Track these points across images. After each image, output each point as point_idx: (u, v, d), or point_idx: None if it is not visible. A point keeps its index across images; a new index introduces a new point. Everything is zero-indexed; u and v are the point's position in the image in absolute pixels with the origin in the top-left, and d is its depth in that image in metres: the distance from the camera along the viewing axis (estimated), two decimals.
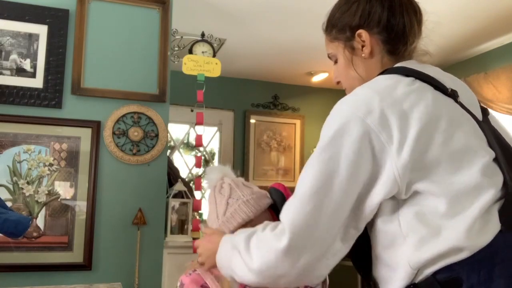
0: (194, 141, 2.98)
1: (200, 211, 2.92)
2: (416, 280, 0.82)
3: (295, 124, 4.42)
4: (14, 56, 1.95)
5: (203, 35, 2.48)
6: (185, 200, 2.75)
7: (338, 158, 0.83)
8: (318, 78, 4.13)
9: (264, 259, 0.88)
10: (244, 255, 0.92)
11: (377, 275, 0.90)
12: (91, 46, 2.07)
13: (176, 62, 2.49)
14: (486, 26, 2.94)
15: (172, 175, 2.99)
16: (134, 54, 2.13)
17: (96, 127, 2.01)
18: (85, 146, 1.99)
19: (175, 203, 2.73)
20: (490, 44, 3.27)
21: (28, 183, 1.91)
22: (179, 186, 2.79)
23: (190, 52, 2.41)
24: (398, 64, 0.98)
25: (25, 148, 1.92)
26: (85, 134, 2.00)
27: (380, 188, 0.83)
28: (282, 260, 0.86)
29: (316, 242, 0.84)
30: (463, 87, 0.99)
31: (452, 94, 0.92)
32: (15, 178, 1.89)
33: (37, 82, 1.97)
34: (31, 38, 1.98)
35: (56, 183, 1.95)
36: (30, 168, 1.92)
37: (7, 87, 1.92)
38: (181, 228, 2.76)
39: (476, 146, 0.87)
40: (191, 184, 3.38)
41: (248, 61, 3.77)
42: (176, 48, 2.55)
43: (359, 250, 0.91)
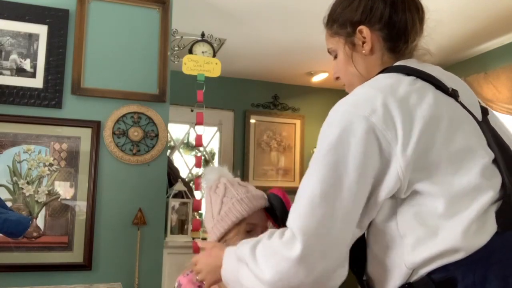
0: (194, 141, 2.98)
1: (200, 211, 2.92)
2: (411, 279, 0.82)
3: (295, 124, 4.42)
4: (14, 56, 1.95)
5: (203, 35, 2.48)
6: (185, 200, 2.76)
7: (345, 160, 0.81)
8: (318, 78, 4.13)
9: (277, 270, 0.82)
10: (253, 267, 0.86)
11: (371, 273, 0.90)
12: (91, 46, 2.07)
13: (176, 62, 2.49)
14: (486, 26, 2.93)
15: (172, 175, 2.99)
16: (134, 54, 2.13)
17: (96, 127, 2.01)
18: (85, 146, 1.99)
19: (175, 203, 2.73)
20: (490, 44, 3.27)
21: (28, 183, 1.91)
22: (179, 186, 2.79)
23: (190, 52, 2.41)
24: (398, 63, 0.97)
25: (25, 148, 1.92)
26: (85, 134, 2.00)
27: (386, 187, 0.82)
28: (296, 270, 0.80)
29: (330, 248, 0.81)
30: (463, 87, 0.99)
31: (452, 94, 0.92)
32: (15, 178, 1.89)
33: (37, 82, 1.97)
34: (31, 38, 1.98)
35: (56, 183, 1.95)
36: (30, 168, 1.92)
37: (7, 87, 1.92)
38: (181, 228, 2.76)
39: (476, 147, 0.86)
40: (191, 184, 3.38)
41: (248, 61, 3.77)
42: (176, 48, 2.55)
43: (355, 249, 0.90)
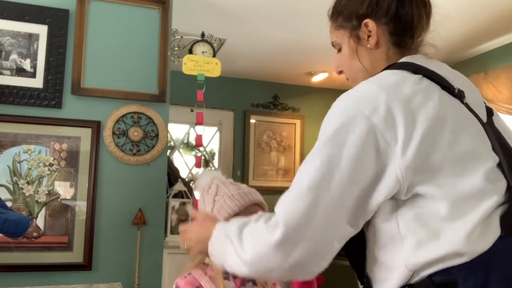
0: (194, 141, 2.98)
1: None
2: (411, 281, 0.81)
3: (295, 124, 4.42)
4: (14, 56, 1.95)
5: (203, 35, 2.48)
6: (185, 200, 2.76)
7: (340, 154, 0.81)
8: (318, 78, 4.13)
9: (256, 251, 0.86)
10: (237, 246, 0.90)
11: (371, 273, 0.89)
12: (91, 46, 2.07)
13: (176, 62, 2.49)
14: (486, 26, 2.93)
15: (172, 175, 2.99)
16: (134, 54, 2.13)
17: (96, 127, 2.01)
18: (85, 146, 1.99)
19: (175, 203, 2.73)
20: (490, 44, 3.27)
21: (28, 183, 1.91)
22: (179, 186, 2.79)
23: (190, 52, 2.41)
24: (404, 59, 0.95)
25: (25, 148, 1.92)
26: (85, 134, 2.00)
27: (383, 188, 0.82)
28: (273, 254, 0.83)
29: (311, 238, 0.82)
30: (470, 87, 0.97)
31: (458, 95, 0.90)
32: (15, 178, 1.89)
33: (37, 82, 1.97)
34: (31, 38, 1.98)
35: (56, 183, 1.95)
36: (30, 168, 1.92)
37: (7, 87, 1.92)
38: None
39: (481, 151, 0.86)
40: (191, 184, 3.38)
41: (248, 61, 3.77)
42: (176, 48, 2.55)
43: (354, 247, 0.91)
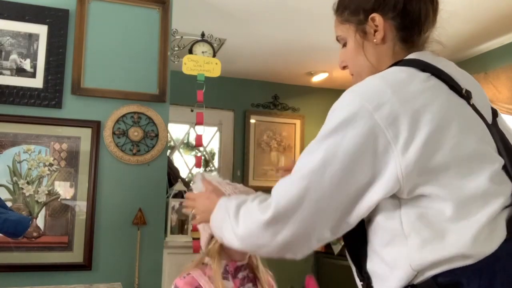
0: (194, 141, 2.98)
1: None
2: (415, 281, 0.81)
3: (295, 124, 4.41)
4: (14, 56, 1.95)
5: (203, 35, 2.48)
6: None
7: (337, 148, 0.82)
8: (318, 78, 4.13)
9: (247, 228, 0.93)
10: (233, 221, 0.98)
11: (371, 269, 0.88)
12: (91, 46, 2.07)
13: (176, 62, 2.49)
14: (486, 26, 2.93)
15: (172, 175, 2.99)
16: (134, 54, 2.13)
17: (96, 127, 2.01)
18: (85, 146, 1.99)
19: (175, 203, 2.73)
20: (490, 44, 3.27)
21: (28, 183, 1.91)
22: (179, 186, 2.79)
23: (190, 52, 2.41)
24: (412, 55, 0.94)
25: (25, 148, 1.92)
26: (85, 134, 2.00)
27: (380, 187, 0.81)
28: (263, 232, 0.90)
29: (297, 222, 0.86)
30: (476, 87, 0.97)
31: (465, 96, 0.89)
32: (15, 178, 1.89)
33: (37, 82, 1.97)
34: (31, 38, 1.98)
35: (56, 183, 1.95)
36: (30, 168, 1.92)
37: (7, 87, 1.92)
38: (181, 228, 2.76)
39: (486, 153, 0.85)
40: (191, 184, 3.38)
41: (248, 61, 3.77)
42: (176, 48, 2.55)
43: (356, 243, 0.91)
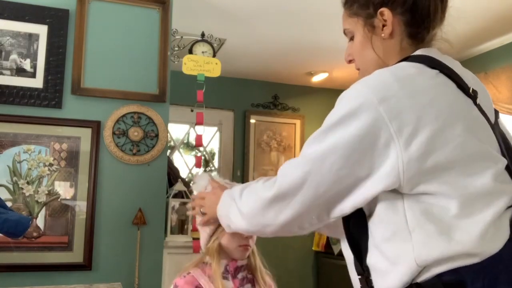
0: (194, 141, 2.98)
1: None
2: (418, 279, 0.80)
3: (295, 124, 4.41)
4: (14, 56, 1.95)
5: (203, 35, 2.48)
6: (185, 200, 2.75)
7: (340, 139, 0.83)
8: (318, 78, 4.13)
9: (253, 206, 0.98)
10: (238, 202, 1.04)
11: (371, 264, 0.88)
12: (91, 46, 2.07)
13: (176, 62, 2.49)
14: (486, 26, 2.93)
15: (172, 175, 2.99)
16: (134, 54, 2.13)
17: (96, 127, 2.01)
18: (85, 146, 1.99)
19: (175, 203, 2.73)
20: (490, 44, 3.27)
21: (28, 183, 1.90)
22: (179, 186, 2.79)
23: (190, 52, 2.41)
24: (420, 52, 0.94)
25: (25, 148, 1.92)
26: (85, 134, 2.00)
27: (379, 179, 0.82)
28: (267, 210, 0.94)
29: (298, 203, 0.90)
30: (481, 87, 0.97)
31: (472, 95, 0.90)
32: (15, 178, 1.89)
33: (37, 82, 1.97)
34: (31, 38, 1.98)
35: (56, 183, 1.95)
36: (30, 168, 1.92)
37: (7, 87, 1.92)
38: (181, 228, 2.76)
39: (490, 153, 0.85)
40: (191, 184, 3.37)
41: (248, 61, 3.77)
42: (176, 48, 2.55)
43: (357, 236, 0.91)
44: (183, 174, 3.81)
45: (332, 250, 3.86)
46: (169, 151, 3.70)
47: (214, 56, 2.44)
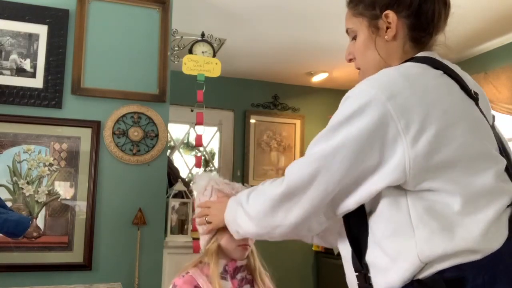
0: (194, 141, 2.98)
1: None
2: (420, 276, 0.81)
3: (295, 124, 4.41)
4: (14, 56, 1.95)
5: (203, 35, 2.48)
6: (185, 200, 2.75)
7: (349, 136, 0.84)
8: (318, 78, 4.12)
9: (261, 208, 0.97)
10: (245, 206, 1.03)
11: (371, 260, 0.89)
12: (91, 46, 2.07)
13: (176, 62, 2.49)
14: (486, 26, 2.93)
15: (172, 175, 2.98)
16: (134, 54, 2.13)
17: (96, 127, 2.01)
18: (85, 146, 1.99)
19: (175, 203, 2.72)
20: (490, 44, 3.27)
21: (28, 183, 1.90)
22: (179, 186, 2.79)
23: (190, 52, 2.41)
24: (423, 53, 0.96)
25: (25, 148, 1.92)
26: (85, 134, 2.00)
27: (385, 175, 0.83)
28: (276, 210, 0.94)
29: (307, 202, 0.90)
30: (480, 91, 0.99)
31: (474, 97, 0.92)
32: (15, 178, 1.89)
33: (37, 82, 1.97)
34: (31, 38, 1.98)
35: (56, 183, 1.95)
36: (30, 168, 1.92)
37: (7, 87, 1.92)
38: (181, 228, 2.76)
39: (492, 153, 0.87)
40: (191, 184, 3.37)
41: (248, 61, 3.77)
42: (176, 48, 2.55)
43: (358, 233, 0.91)
44: (183, 174, 3.81)
45: (332, 250, 3.86)
46: (169, 151, 3.70)
47: (214, 56, 2.44)
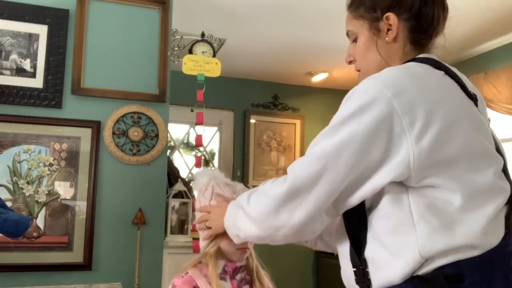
0: (194, 141, 2.98)
1: None
2: (420, 271, 0.82)
3: (295, 124, 4.41)
4: (14, 56, 1.95)
5: (203, 35, 2.48)
6: (185, 200, 2.75)
7: (354, 132, 0.84)
8: (318, 78, 4.13)
9: (263, 209, 0.95)
10: (246, 207, 1.00)
11: (370, 256, 0.89)
12: (91, 46, 2.07)
13: (176, 62, 2.49)
14: (486, 26, 2.93)
15: (172, 175, 2.98)
16: (134, 54, 2.13)
17: (96, 127, 2.01)
18: (85, 146, 1.99)
19: (175, 203, 2.72)
20: (490, 44, 3.27)
21: (28, 183, 1.91)
22: (179, 186, 2.79)
23: (190, 52, 2.41)
24: (424, 55, 0.98)
25: (25, 148, 1.92)
26: (85, 134, 2.00)
27: (389, 170, 0.83)
28: (279, 210, 0.91)
29: (313, 201, 0.88)
30: (478, 93, 1.01)
31: (474, 98, 0.94)
32: (15, 178, 1.89)
33: (37, 82, 1.97)
34: (31, 38, 1.98)
35: (56, 183, 1.95)
36: (30, 168, 1.92)
37: (7, 87, 1.92)
38: (181, 228, 2.76)
39: (492, 151, 0.90)
40: (191, 184, 3.37)
41: (248, 61, 3.77)
42: (176, 48, 2.55)
43: (357, 229, 0.92)
44: (183, 174, 3.81)
45: None
46: (169, 151, 3.70)
47: (214, 56, 2.44)
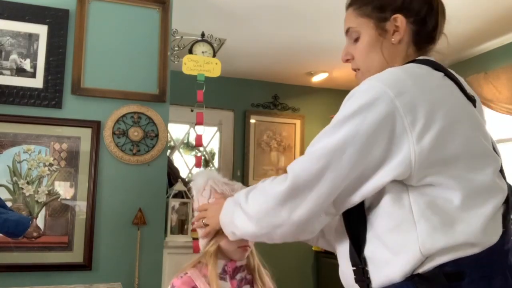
0: (194, 141, 2.98)
1: None
2: (420, 270, 0.82)
3: (295, 124, 4.41)
4: (14, 56, 1.95)
5: (203, 35, 2.48)
6: (185, 200, 2.75)
7: (357, 131, 0.84)
8: (318, 78, 4.13)
9: (262, 207, 0.93)
10: (243, 205, 0.98)
11: (370, 255, 0.89)
12: (91, 46, 2.07)
13: (176, 62, 2.49)
14: (486, 26, 2.93)
15: (172, 175, 2.98)
16: (134, 54, 2.13)
17: (96, 127, 2.01)
18: (85, 146, 1.99)
19: (175, 203, 2.72)
20: (490, 44, 3.27)
21: (28, 183, 1.91)
22: (179, 186, 2.79)
23: (190, 52, 2.41)
24: (423, 57, 0.99)
25: (25, 148, 1.92)
26: (85, 134, 2.00)
27: (390, 169, 0.84)
28: (279, 208, 0.90)
29: (314, 199, 0.88)
30: (475, 95, 1.02)
31: (472, 99, 0.95)
32: (15, 178, 1.89)
33: (37, 82, 1.97)
34: (31, 38, 1.98)
35: (56, 183, 1.95)
36: (30, 168, 1.92)
37: (7, 87, 1.92)
38: (181, 228, 2.76)
39: (491, 151, 0.91)
40: (190, 185, 3.37)
41: (248, 61, 3.77)
42: (176, 48, 2.55)
43: (357, 228, 0.92)
44: (183, 174, 3.81)
45: None
46: (169, 151, 3.70)
47: (214, 56, 2.44)
